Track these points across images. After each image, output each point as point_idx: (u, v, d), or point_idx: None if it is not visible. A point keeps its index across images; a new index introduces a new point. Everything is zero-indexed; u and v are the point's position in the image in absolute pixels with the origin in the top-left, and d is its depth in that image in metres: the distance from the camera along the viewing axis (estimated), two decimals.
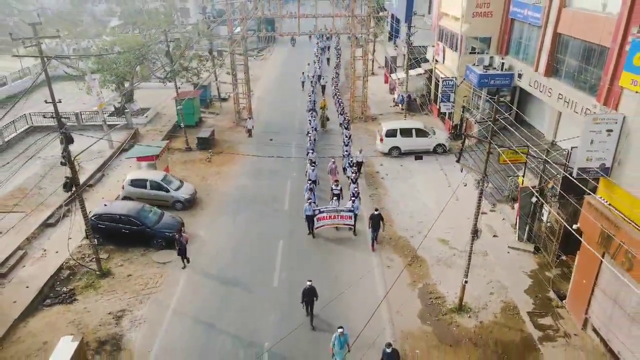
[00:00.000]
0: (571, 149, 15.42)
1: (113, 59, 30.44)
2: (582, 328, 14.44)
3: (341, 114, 32.00)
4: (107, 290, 16.85)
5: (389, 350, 12.63)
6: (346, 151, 25.81)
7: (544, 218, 17.87)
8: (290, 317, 15.31)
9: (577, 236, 13.52)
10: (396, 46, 53.00)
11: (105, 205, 19.77)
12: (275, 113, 36.11)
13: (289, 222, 21.11)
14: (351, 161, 24.43)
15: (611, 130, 12.35)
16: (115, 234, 18.95)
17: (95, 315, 15.63)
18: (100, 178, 24.99)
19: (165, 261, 18.46)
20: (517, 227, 19.08)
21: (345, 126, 29.31)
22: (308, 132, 28.31)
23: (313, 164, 23.79)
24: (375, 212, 18.93)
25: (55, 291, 16.79)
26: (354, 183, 21.60)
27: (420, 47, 39.25)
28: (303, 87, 42.11)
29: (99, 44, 33.50)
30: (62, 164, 15.79)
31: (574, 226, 13.89)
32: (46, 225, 20.26)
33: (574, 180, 13.16)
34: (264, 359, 13.83)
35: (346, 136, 27.38)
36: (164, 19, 34.87)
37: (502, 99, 26.60)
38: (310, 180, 22.21)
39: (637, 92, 11.56)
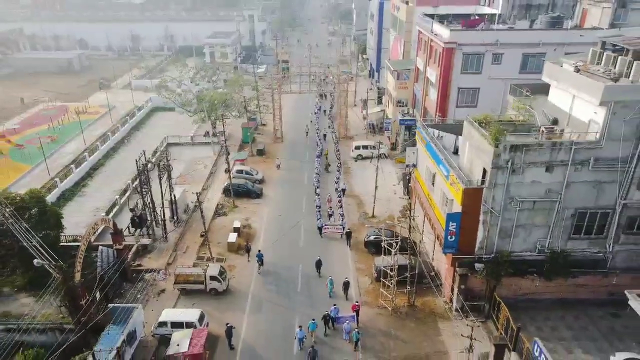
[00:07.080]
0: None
1: (210, 105, 56.68)
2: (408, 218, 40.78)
3: (338, 158, 51.85)
4: (238, 212, 43.35)
5: (345, 281, 32.27)
6: (339, 187, 45.30)
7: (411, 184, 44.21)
8: (310, 223, 41.39)
9: (405, 193, 39.93)
10: (373, 81, 79.39)
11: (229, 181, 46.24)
12: (297, 134, 62.54)
13: (308, 189, 47.39)
14: (340, 192, 44.57)
15: (414, 153, 38.59)
16: (237, 192, 45.18)
17: (237, 219, 41.96)
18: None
19: (258, 203, 44.95)
20: (403, 188, 45.52)
21: (337, 169, 49.70)
22: (316, 173, 48.29)
23: (318, 196, 44.03)
24: (348, 230, 38.45)
25: (219, 212, 43.27)
26: (340, 208, 41.69)
27: (385, 88, 65.79)
28: (307, 135, 61.25)
29: (197, 94, 59.82)
30: (225, 164, 42.25)
31: (410, 184, 40.25)
32: (202, 189, 46.69)
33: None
34: (302, 238, 40.06)
35: (337, 177, 47.22)
36: (238, 84, 61.36)
37: (412, 132, 53.02)
38: (318, 205, 42.03)
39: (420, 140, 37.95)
